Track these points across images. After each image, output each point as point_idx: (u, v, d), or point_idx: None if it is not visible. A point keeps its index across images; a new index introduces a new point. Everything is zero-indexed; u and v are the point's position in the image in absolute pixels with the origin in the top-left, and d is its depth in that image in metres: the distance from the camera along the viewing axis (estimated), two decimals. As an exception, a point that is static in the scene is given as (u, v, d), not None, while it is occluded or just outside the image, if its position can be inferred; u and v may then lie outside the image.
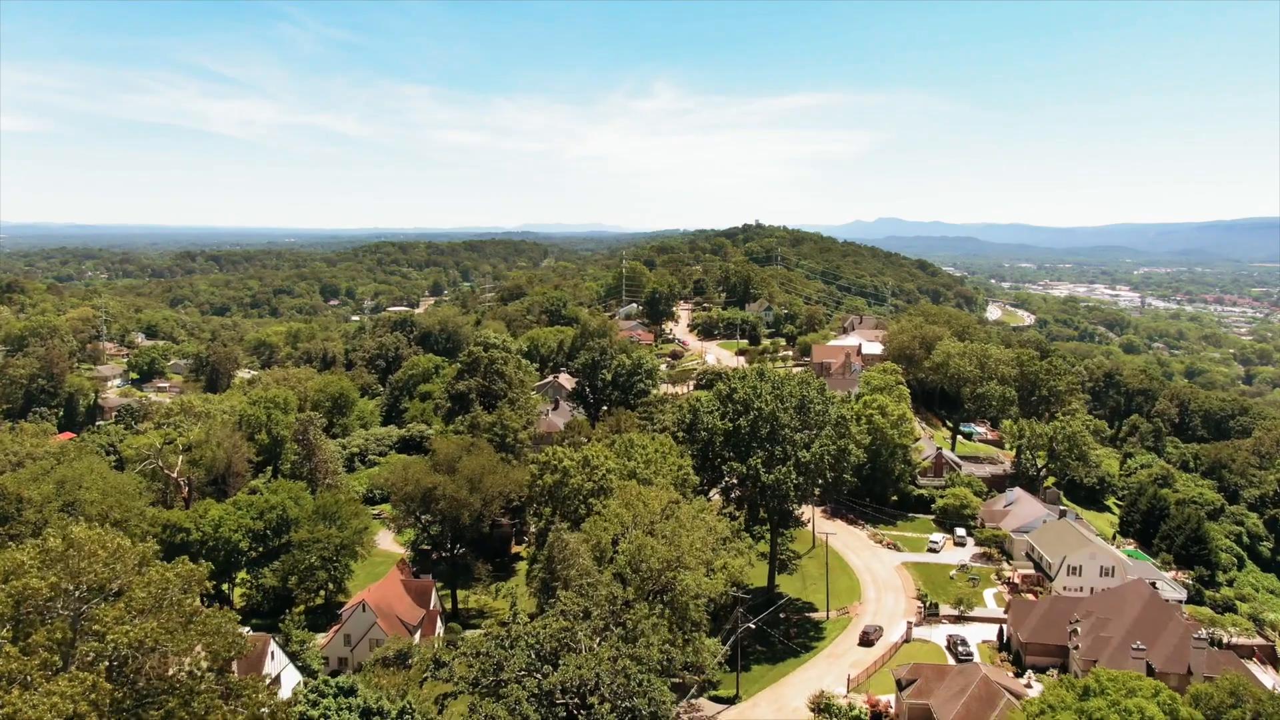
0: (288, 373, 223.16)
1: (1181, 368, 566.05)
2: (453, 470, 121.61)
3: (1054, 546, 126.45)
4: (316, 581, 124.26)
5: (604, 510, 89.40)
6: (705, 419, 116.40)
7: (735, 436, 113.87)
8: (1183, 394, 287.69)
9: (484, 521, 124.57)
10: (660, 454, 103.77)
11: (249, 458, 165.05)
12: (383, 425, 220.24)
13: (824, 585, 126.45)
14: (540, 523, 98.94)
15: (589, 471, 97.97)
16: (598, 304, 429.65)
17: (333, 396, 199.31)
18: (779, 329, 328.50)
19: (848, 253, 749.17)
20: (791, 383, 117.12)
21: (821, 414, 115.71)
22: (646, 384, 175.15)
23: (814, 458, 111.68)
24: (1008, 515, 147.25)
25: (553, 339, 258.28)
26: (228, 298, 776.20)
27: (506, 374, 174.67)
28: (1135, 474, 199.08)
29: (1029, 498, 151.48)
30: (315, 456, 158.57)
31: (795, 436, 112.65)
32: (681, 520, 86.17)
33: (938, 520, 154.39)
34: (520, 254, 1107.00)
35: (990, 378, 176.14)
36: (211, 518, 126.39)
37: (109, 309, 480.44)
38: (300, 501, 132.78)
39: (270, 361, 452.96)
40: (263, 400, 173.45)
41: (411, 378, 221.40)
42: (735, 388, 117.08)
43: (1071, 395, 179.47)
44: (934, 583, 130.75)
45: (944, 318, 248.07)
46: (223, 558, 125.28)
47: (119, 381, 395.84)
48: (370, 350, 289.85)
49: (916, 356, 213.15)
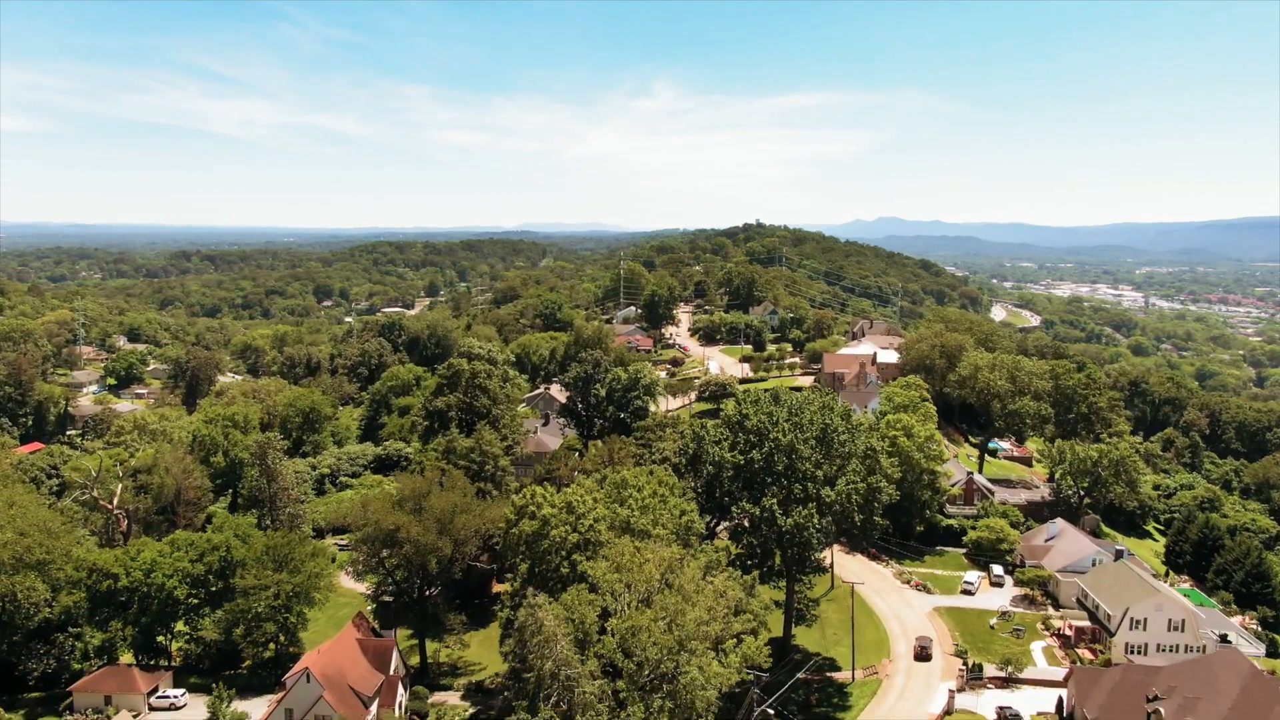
0: (257, 385, 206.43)
1: (1192, 370, 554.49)
2: (419, 509, 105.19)
3: (1112, 594, 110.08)
4: (265, 634, 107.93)
5: (591, 569, 73.12)
6: (711, 450, 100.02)
7: (747, 471, 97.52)
8: (1213, 403, 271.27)
9: (456, 567, 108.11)
10: (659, 497, 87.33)
11: (203, 483, 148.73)
12: (362, 441, 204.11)
13: (846, 634, 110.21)
14: (515, 580, 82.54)
15: (573, 520, 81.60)
16: (595, 306, 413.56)
17: (303, 411, 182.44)
18: (784, 334, 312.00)
19: (850, 253, 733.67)
20: (811, 408, 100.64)
21: (847, 444, 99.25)
22: (644, 401, 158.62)
23: (840, 497, 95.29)
24: (1050, 551, 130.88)
25: (545, 346, 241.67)
26: (219, 299, 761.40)
27: (491, 389, 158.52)
28: (1175, 495, 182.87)
29: (1073, 531, 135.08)
30: (275, 482, 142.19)
31: (817, 472, 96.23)
32: (685, 588, 69.85)
33: (970, 555, 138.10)
34: (518, 254, 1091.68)
35: (1023, 392, 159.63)
36: (144, 561, 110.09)
37: (88, 311, 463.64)
38: (249, 539, 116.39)
39: (256, 366, 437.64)
40: (220, 419, 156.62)
41: (391, 389, 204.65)
42: (746, 414, 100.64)
43: (1113, 412, 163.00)
44: (973, 633, 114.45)
45: (965, 324, 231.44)
46: (156, 607, 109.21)
47: (95, 388, 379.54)
48: (352, 357, 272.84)
49: (937, 367, 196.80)
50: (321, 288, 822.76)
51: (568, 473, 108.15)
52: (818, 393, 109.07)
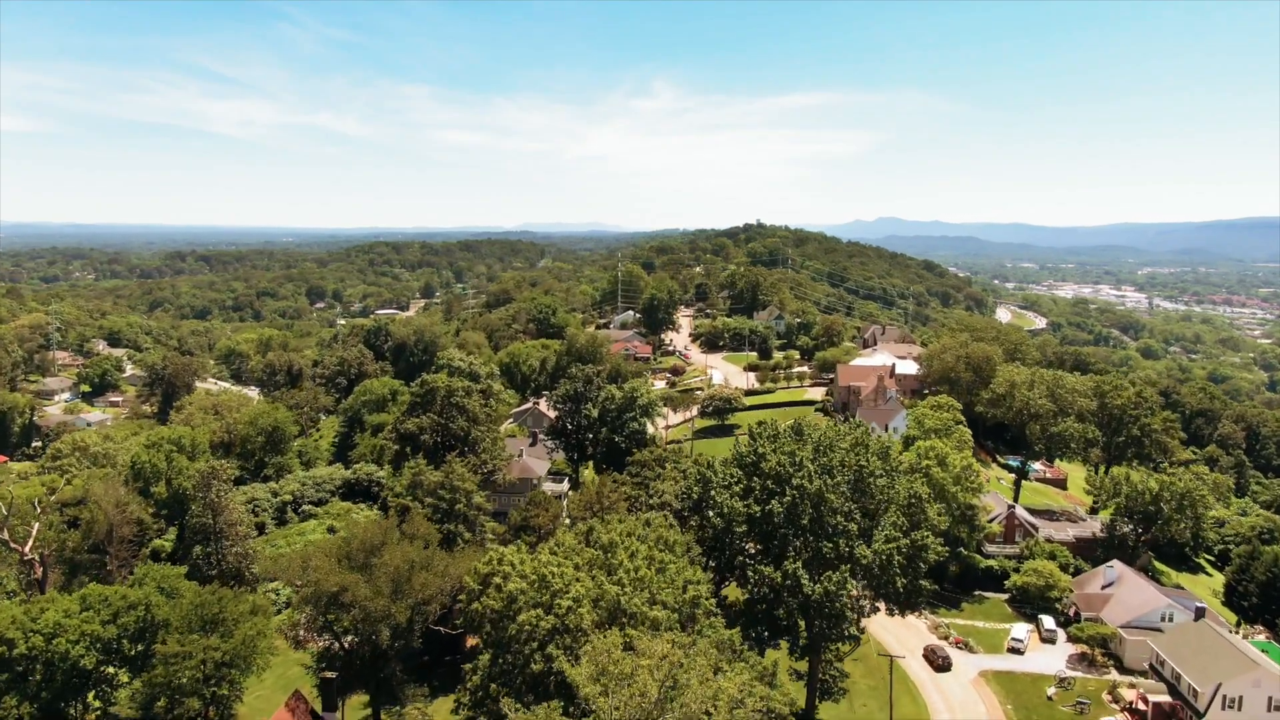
0: (219, 399, 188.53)
1: (1204, 374, 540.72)
2: (369, 565, 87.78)
3: (1197, 664, 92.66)
4: (189, 710, 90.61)
5: (570, 674, 55.86)
6: (720, 498, 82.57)
7: (764, 524, 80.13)
8: (1250, 415, 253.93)
9: (414, 634, 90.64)
10: (656, 565, 69.82)
11: (143, 517, 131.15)
12: (336, 460, 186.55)
13: (878, 707, 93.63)
14: (476, 677, 65.03)
15: (548, 599, 64.22)
16: (592, 310, 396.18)
17: (265, 431, 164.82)
18: (791, 340, 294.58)
19: (853, 253, 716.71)
20: (842, 446, 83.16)
21: (887, 490, 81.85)
22: (641, 423, 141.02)
23: (879, 557, 77.93)
24: (1110, 601, 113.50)
25: (535, 356, 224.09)
26: (209, 300, 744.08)
27: (470, 409, 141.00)
28: (1228, 524, 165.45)
29: (1133, 575, 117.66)
30: (221, 517, 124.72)
31: (850, 525, 78.84)
32: (690, 707, 52.56)
33: (1014, 602, 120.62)
34: (517, 254, 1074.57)
35: (1065, 412, 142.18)
36: (47, 622, 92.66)
37: (64, 314, 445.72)
38: (177, 594, 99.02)
39: (241, 371, 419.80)
40: (164, 442, 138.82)
41: (365, 404, 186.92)
42: (763, 453, 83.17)
43: (1168, 435, 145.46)
44: (1027, 706, 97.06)
45: (992, 332, 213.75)
46: (61, 678, 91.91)
47: (67, 396, 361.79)
48: (331, 367, 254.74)
49: (963, 381, 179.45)
50: (315, 289, 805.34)
51: (548, 521, 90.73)
52: (848, 425, 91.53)
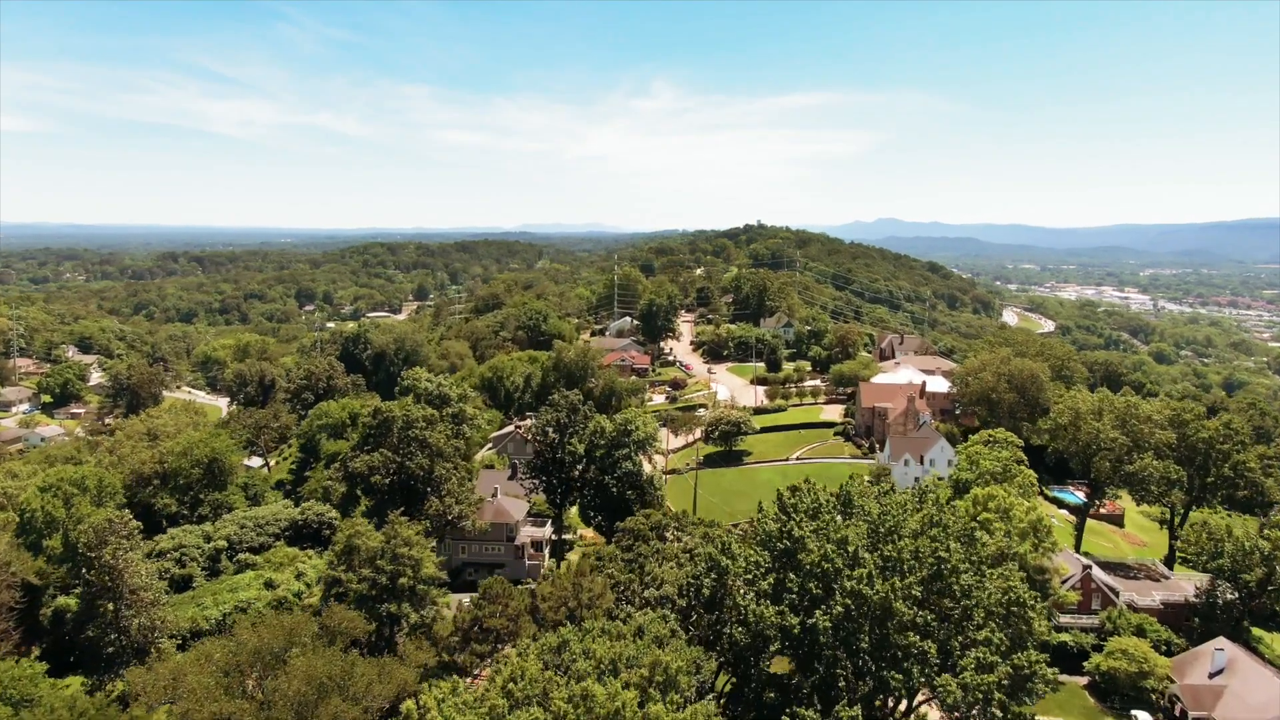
0: (149, 424, 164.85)
1: (1219, 379, 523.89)
2: (268, 675, 64.66)
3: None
4: None
5: None
6: (743, 601, 59.42)
7: (806, 641, 57.04)
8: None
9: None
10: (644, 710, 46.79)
11: (28, 578, 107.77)
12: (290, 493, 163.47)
13: None
14: None
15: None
16: (587, 315, 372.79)
17: (200, 463, 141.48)
18: (802, 350, 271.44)
19: (857, 255, 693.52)
20: (909, 527, 60.01)
21: (974, 592, 58.79)
22: (636, 462, 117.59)
23: (969, 694, 54.82)
24: (1224, 697, 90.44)
25: (520, 370, 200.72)
26: (196, 302, 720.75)
27: (433, 443, 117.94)
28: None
29: (1249, 661, 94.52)
30: (122, 583, 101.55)
31: (927, 645, 55.75)
32: None
33: (1096, 690, 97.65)
34: (514, 255, 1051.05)
35: (1141, 446, 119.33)
36: None
37: (31, 319, 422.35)
38: (34, 704, 76.01)
39: (216, 380, 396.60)
40: (62, 484, 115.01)
41: (321, 428, 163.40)
42: (800, 538, 59.92)
43: (1268, 475, 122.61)
44: None
45: (1035, 347, 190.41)
46: None
47: (27, 407, 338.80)
48: (297, 380, 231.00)
49: (1005, 402, 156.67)
50: (304, 291, 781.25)
51: (506, 623, 67.20)
52: (912, 494, 68.23)
